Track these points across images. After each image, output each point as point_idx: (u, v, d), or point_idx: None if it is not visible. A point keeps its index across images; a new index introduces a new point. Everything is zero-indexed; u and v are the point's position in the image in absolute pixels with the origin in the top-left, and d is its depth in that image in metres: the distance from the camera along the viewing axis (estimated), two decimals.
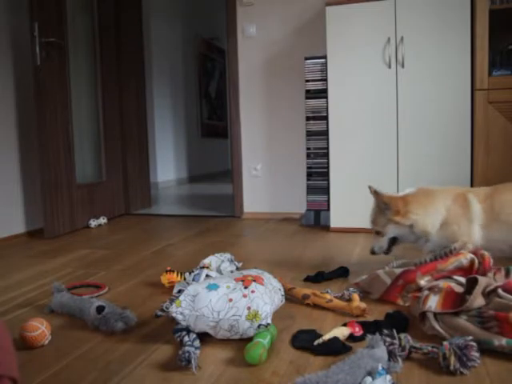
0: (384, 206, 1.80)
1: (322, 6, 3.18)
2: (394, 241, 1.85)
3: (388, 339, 1.13)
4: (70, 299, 1.56)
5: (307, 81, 3.02)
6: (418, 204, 1.78)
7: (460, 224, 1.75)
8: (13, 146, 2.97)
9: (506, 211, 1.72)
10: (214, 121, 7.88)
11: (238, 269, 1.93)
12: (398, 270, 1.58)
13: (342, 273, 1.89)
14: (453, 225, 1.76)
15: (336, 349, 1.19)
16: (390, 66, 2.66)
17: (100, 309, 1.42)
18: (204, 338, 1.29)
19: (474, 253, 1.58)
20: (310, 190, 3.10)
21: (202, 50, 7.40)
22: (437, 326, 1.25)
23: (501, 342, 1.13)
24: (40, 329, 1.30)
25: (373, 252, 1.87)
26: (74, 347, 1.30)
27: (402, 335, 1.15)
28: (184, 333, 1.26)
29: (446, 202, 1.79)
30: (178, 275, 1.78)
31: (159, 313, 1.48)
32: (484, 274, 1.47)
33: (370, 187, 1.83)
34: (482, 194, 1.80)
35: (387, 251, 1.85)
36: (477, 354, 1.08)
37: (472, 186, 2.57)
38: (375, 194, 1.81)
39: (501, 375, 1.06)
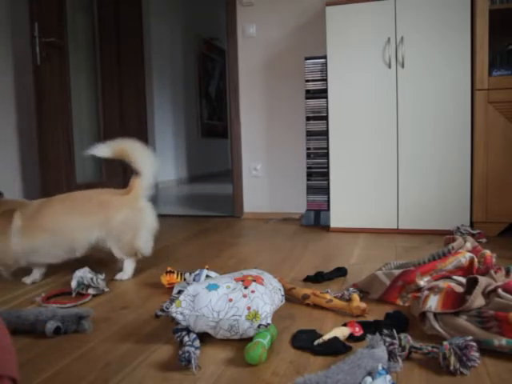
0: None
1: (322, 5, 3.18)
2: None
3: (388, 339, 1.13)
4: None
5: (307, 81, 3.02)
6: None
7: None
8: (13, 145, 2.97)
9: (47, 222, 1.83)
10: (214, 121, 7.88)
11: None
12: (397, 271, 1.58)
13: (341, 273, 1.89)
14: None
15: (336, 349, 1.19)
16: (390, 66, 2.66)
17: (56, 330, 1.36)
18: (204, 338, 1.29)
19: (474, 251, 1.58)
20: (310, 189, 3.10)
21: (202, 49, 7.41)
22: (437, 326, 1.25)
23: (501, 342, 1.13)
24: None
25: None
26: (74, 347, 1.30)
27: (402, 335, 1.15)
28: (184, 333, 1.26)
29: None
30: (177, 276, 1.78)
31: (159, 313, 1.48)
32: (486, 272, 1.47)
33: None
34: (30, 208, 1.86)
35: None
36: (477, 354, 1.08)
37: (472, 186, 2.57)
38: None
39: (501, 375, 1.06)
